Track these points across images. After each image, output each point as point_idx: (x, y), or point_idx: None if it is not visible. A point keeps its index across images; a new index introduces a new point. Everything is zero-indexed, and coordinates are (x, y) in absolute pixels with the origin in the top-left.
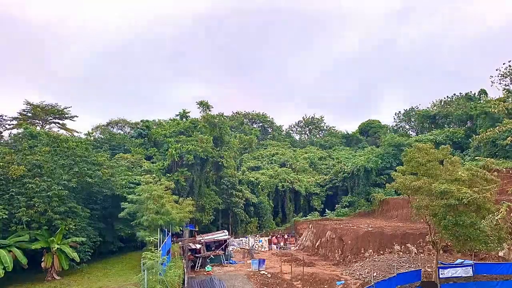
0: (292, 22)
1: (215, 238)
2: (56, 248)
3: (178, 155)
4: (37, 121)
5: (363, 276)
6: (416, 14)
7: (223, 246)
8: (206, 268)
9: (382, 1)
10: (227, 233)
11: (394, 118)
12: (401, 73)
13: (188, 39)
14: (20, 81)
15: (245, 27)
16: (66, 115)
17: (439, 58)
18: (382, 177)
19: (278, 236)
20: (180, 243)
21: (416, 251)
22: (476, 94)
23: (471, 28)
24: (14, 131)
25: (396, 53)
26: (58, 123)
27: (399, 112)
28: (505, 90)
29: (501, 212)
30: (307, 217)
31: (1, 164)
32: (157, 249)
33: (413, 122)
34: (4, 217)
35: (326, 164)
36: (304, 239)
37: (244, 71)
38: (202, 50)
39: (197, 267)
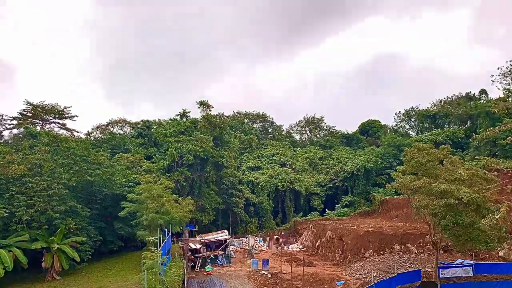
0: None
1: (215, 238)
2: (56, 248)
3: (178, 155)
4: (37, 121)
5: (363, 276)
6: None
7: (223, 246)
8: (206, 268)
9: None
10: (227, 233)
11: (394, 118)
12: None
13: None
14: None
15: None
16: (66, 115)
17: None
18: (382, 177)
19: (282, 236)
20: (180, 243)
21: (416, 251)
22: (476, 93)
23: None
24: (14, 131)
25: None
26: (58, 123)
27: (399, 112)
28: (506, 90)
29: (501, 211)
30: (307, 217)
31: (2, 163)
32: (157, 249)
33: (413, 122)
34: (4, 215)
35: (326, 164)
36: (304, 239)
37: None
38: None
39: (197, 267)
